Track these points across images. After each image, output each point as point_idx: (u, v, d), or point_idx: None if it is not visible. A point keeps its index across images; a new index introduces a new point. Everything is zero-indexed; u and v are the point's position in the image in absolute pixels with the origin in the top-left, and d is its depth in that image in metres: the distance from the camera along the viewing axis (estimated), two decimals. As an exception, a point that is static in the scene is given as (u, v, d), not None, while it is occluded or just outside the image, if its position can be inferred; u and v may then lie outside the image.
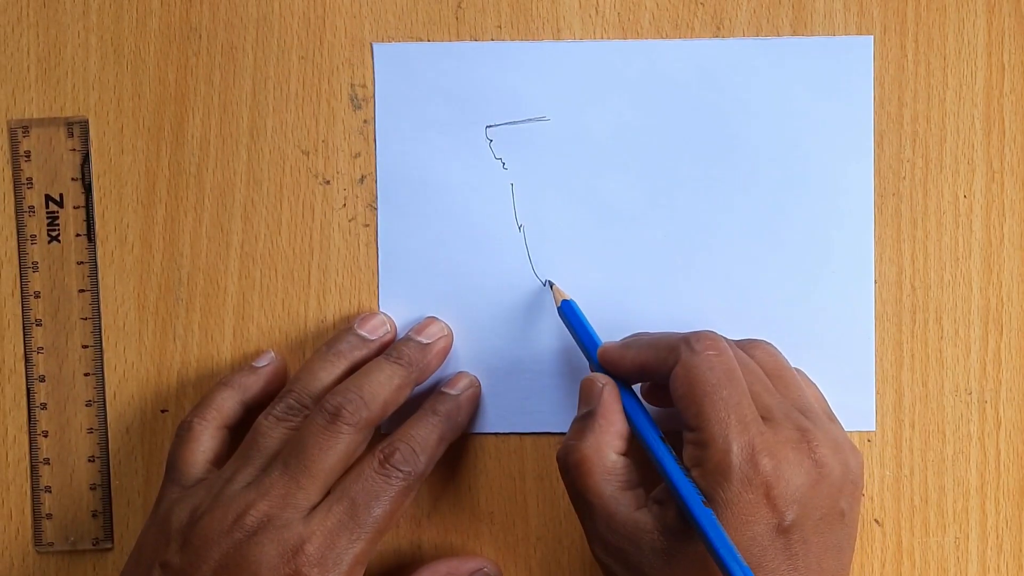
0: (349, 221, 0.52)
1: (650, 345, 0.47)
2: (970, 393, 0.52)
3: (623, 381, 0.47)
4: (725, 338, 0.46)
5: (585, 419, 0.46)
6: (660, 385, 0.48)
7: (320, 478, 0.45)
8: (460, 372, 0.51)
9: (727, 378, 0.44)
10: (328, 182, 0.52)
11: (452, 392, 0.50)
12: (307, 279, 0.52)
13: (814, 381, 0.50)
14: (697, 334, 0.45)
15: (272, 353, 0.51)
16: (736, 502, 0.42)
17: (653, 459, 0.45)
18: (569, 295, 0.51)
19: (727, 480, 0.42)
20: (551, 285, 0.51)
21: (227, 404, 0.50)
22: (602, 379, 0.47)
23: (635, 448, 0.46)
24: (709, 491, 0.43)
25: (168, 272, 0.52)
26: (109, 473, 0.52)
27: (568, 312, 0.50)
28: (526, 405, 0.52)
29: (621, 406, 0.47)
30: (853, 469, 0.45)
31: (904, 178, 0.52)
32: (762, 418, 0.44)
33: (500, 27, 0.52)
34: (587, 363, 0.49)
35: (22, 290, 0.52)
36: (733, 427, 0.43)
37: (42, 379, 0.52)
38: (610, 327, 0.51)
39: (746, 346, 0.48)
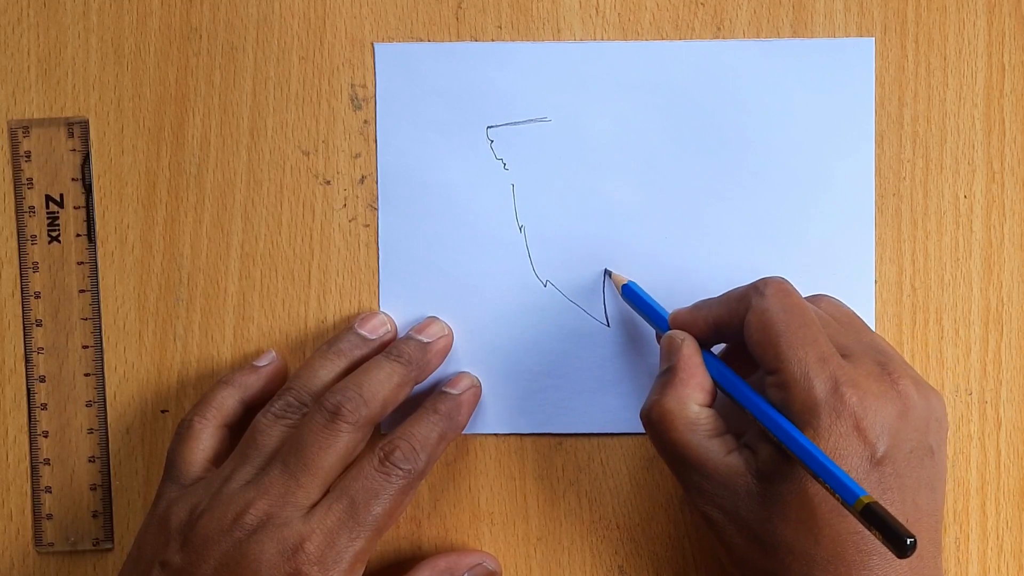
0: (349, 221, 0.52)
1: (719, 302, 0.46)
2: (970, 393, 0.52)
3: (700, 343, 0.47)
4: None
5: (666, 375, 0.46)
6: (736, 351, 0.47)
7: (320, 476, 0.45)
8: (461, 372, 0.51)
9: (800, 317, 0.44)
10: (328, 182, 0.52)
11: (453, 391, 0.50)
12: (307, 279, 0.52)
13: None
14: (764, 280, 0.45)
15: (273, 353, 0.51)
16: (828, 436, 0.42)
17: (743, 401, 0.44)
18: (627, 278, 0.51)
19: (815, 416, 0.42)
20: (608, 273, 0.51)
21: (227, 403, 0.50)
22: (680, 335, 0.46)
23: (719, 402, 0.46)
24: (800, 429, 0.42)
25: (168, 272, 0.52)
26: (109, 473, 0.52)
27: (632, 292, 0.50)
28: (526, 405, 0.52)
29: (701, 359, 0.46)
30: (936, 408, 0.44)
31: (904, 178, 0.52)
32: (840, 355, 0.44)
33: (500, 27, 0.52)
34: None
35: (22, 290, 0.52)
36: (813, 363, 0.42)
37: (42, 379, 0.52)
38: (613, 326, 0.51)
39: (811, 299, 0.48)
